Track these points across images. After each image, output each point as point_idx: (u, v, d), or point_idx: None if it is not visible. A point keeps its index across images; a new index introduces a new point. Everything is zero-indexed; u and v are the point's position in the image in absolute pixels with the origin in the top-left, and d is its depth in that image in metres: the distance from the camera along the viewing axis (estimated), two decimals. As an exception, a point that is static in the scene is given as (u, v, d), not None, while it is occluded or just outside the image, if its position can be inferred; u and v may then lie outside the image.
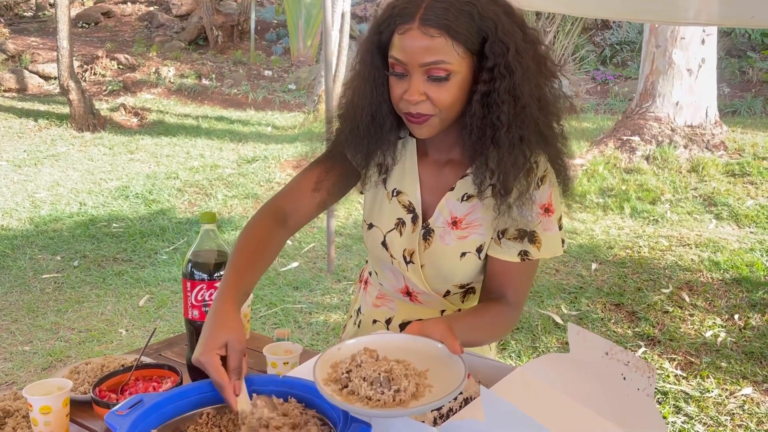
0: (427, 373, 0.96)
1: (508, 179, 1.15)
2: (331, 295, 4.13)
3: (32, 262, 4.70)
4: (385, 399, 0.88)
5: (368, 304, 1.47)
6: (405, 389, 0.89)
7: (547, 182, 1.21)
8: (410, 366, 0.94)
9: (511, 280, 1.24)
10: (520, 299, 1.25)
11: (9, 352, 3.46)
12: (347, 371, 0.93)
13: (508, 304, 1.23)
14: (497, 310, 1.22)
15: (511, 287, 1.24)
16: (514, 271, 1.24)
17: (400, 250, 1.32)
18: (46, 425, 1.11)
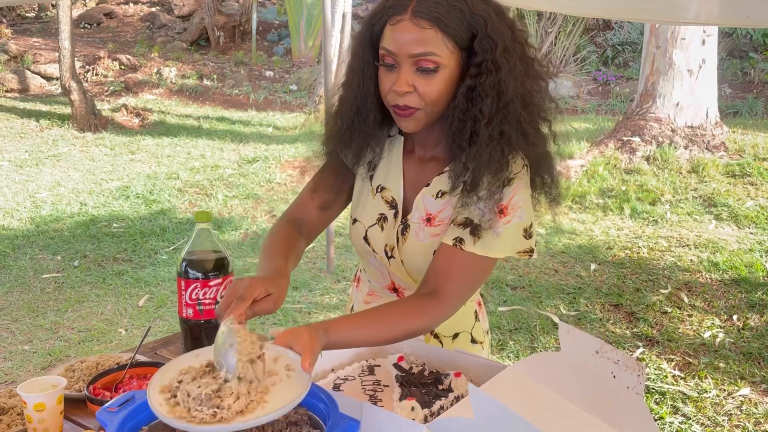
0: (273, 387, 0.92)
1: (480, 173, 1.15)
2: (330, 295, 4.14)
3: (33, 262, 4.71)
4: (202, 416, 0.85)
5: (360, 301, 1.49)
6: (228, 407, 0.86)
7: (513, 185, 1.19)
8: (252, 383, 0.90)
9: (446, 271, 1.19)
10: (451, 293, 1.18)
11: (9, 351, 3.48)
12: (179, 381, 0.91)
13: (437, 297, 1.17)
14: (414, 305, 1.18)
15: (445, 279, 1.19)
16: (451, 262, 1.19)
17: (381, 244, 1.33)
18: (41, 422, 1.12)
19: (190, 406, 0.86)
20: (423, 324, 1.18)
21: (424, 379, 1.20)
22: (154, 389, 0.89)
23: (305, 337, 0.97)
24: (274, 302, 1.07)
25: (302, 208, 1.37)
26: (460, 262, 1.20)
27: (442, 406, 1.11)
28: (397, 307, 1.18)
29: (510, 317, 3.76)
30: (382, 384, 1.19)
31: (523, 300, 4.00)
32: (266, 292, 1.06)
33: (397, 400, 1.10)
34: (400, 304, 1.22)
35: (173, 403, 0.88)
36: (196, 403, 0.86)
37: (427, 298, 1.18)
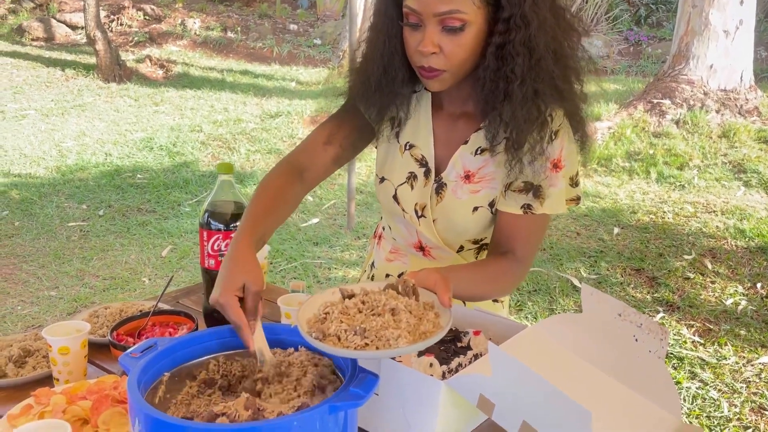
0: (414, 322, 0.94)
1: (521, 133, 1.13)
2: (350, 252, 4.15)
3: (59, 210, 4.79)
4: (351, 345, 0.88)
5: (381, 258, 1.48)
6: (372, 342, 0.88)
7: (560, 137, 1.18)
8: (392, 320, 0.91)
9: (518, 234, 1.22)
10: (528, 254, 1.23)
11: (36, 296, 3.56)
12: (325, 312, 0.94)
13: (515, 258, 1.22)
14: (501, 265, 1.21)
15: (518, 241, 1.22)
16: (521, 225, 1.22)
17: (411, 203, 1.31)
18: (65, 365, 1.14)
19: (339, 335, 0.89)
20: (511, 283, 1.24)
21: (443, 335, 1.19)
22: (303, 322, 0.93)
23: (437, 276, 0.99)
24: (255, 281, 1.04)
25: (311, 155, 1.30)
26: (531, 225, 1.22)
27: (461, 363, 1.10)
28: (490, 266, 1.21)
29: (529, 279, 3.75)
30: (400, 339, 1.19)
31: (543, 262, 3.98)
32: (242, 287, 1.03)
33: (415, 356, 1.10)
34: (490, 263, 1.23)
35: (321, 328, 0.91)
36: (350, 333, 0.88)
37: (507, 259, 1.21)
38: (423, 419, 0.99)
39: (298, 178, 1.28)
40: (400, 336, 0.87)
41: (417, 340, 0.88)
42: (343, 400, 0.82)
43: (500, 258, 1.22)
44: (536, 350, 1.04)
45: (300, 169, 1.29)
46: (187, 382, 0.98)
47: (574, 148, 1.21)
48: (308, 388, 0.97)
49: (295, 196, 1.28)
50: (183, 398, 0.96)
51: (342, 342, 0.88)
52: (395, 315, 0.91)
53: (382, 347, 0.86)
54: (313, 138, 1.32)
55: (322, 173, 1.32)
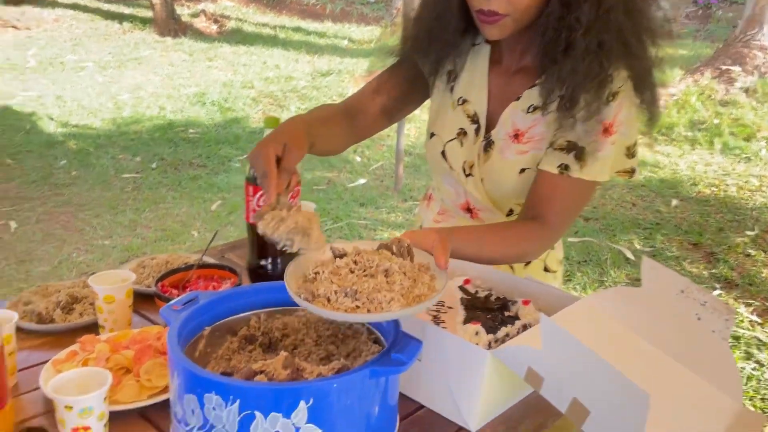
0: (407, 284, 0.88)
1: (577, 90, 1.05)
2: (396, 214, 4.12)
3: (114, 162, 4.90)
4: (341, 307, 0.82)
5: (429, 220, 1.43)
6: (363, 305, 0.82)
7: (618, 100, 1.09)
8: (385, 282, 0.85)
9: (550, 197, 1.13)
10: (559, 220, 1.14)
11: (90, 244, 3.67)
12: (315, 272, 0.88)
13: (544, 224, 1.12)
14: (526, 228, 1.13)
15: (550, 205, 1.13)
16: (555, 187, 1.13)
17: (459, 161, 1.26)
18: (110, 314, 1.15)
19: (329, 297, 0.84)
20: (534, 248, 1.15)
21: (491, 304, 1.15)
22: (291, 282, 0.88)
23: (434, 236, 0.93)
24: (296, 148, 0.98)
25: (361, 102, 1.27)
26: (566, 189, 1.13)
27: (508, 333, 1.06)
28: (511, 228, 1.14)
29: (580, 249, 3.65)
30: (446, 306, 1.15)
31: (595, 232, 3.86)
32: (285, 145, 0.97)
33: (461, 323, 1.06)
34: (511, 225, 1.16)
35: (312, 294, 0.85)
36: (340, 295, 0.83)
37: (534, 223, 1.13)
38: (467, 389, 0.95)
39: (346, 119, 1.25)
40: (393, 299, 0.82)
41: (411, 303, 0.83)
42: (385, 365, 0.79)
43: (527, 221, 1.14)
44: (590, 324, 0.98)
45: (351, 112, 1.27)
46: (227, 337, 0.97)
47: (635, 115, 1.12)
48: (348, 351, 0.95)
49: (344, 132, 1.24)
50: (223, 353, 0.95)
51: (332, 304, 0.83)
52: (388, 276, 0.86)
53: (374, 310, 0.81)
54: (364, 87, 1.31)
55: (370, 122, 1.29)
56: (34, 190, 4.34)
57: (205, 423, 0.76)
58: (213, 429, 0.76)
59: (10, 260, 3.41)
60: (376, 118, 1.28)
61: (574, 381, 0.85)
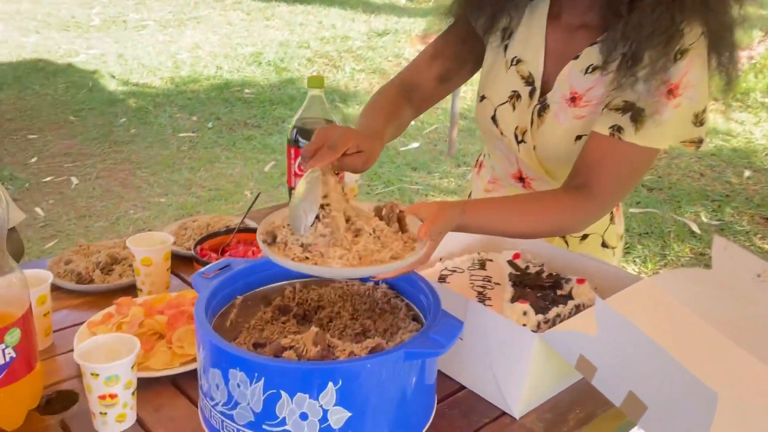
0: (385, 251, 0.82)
1: (642, 45, 0.94)
2: (449, 179, 4.02)
3: (171, 121, 4.96)
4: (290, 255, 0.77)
5: (479, 188, 1.35)
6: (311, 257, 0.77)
7: (688, 59, 0.96)
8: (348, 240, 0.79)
9: (598, 162, 1.01)
10: (606, 190, 1.01)
11: (147, 202, 3.73)
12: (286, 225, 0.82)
13: (589, 194, 1.01)
14: (564, 198, 1.01)
15: (597, 172, 1.01)
16: (604, 151, 1.02)
17: (511, 126, 1.16)
18: (148, 276, 1.13)
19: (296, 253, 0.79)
20: (573, 221, 1.03)
21: (542, 281, 1.07)
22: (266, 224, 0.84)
23: (434, 208, 0.85)
24: (364, 161, 0.95)
25: (417, 73, 1.22)
26: (618, 154, 1.01)
27: (559, 314, 0.98)
28: (545, 199, 1.03)
29: (641, 220, 3.48)
30: (492, 281, 1.08)
31: (659, 203, 3.67)
32: (358, 147, 0.94)
33: (508, 302, 0.99)
34: (547, 195, 1.04)
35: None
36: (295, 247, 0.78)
37: (578, 192, 1.02)
38: (511, 373, 0.89)
39: (405, 99, 1.19)
40: (343, 256, 0.76)
41: (363, 265, 0.76)
42: (421, 347, 0.73)
43: (569, 191, 1.03)
44: (651, 309, 0.89)
45: (408, 89, 1.21)
46: (261, 306, 0.93)
47: (706, 78, 0.98)
48: (386, 327, 0.89)
49: (404, 117, 1.19)
50: (256, 323, 0.91)
51: (284, 251, 0.78)
52: (357, 236, 0.79)
53: (321, 264, 0.76)
54: (420, 55, 1.23)
55: (429, 93, 1.22)
56: (95, 147, 4.44)
57: (229, 399, 0.72)
58: (238, 406, 0.72)
59: (70, 215, 3.51)
60: (433, 90, 1.22)
61: (631, 373, 0.77)
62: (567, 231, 1.04)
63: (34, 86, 5.62)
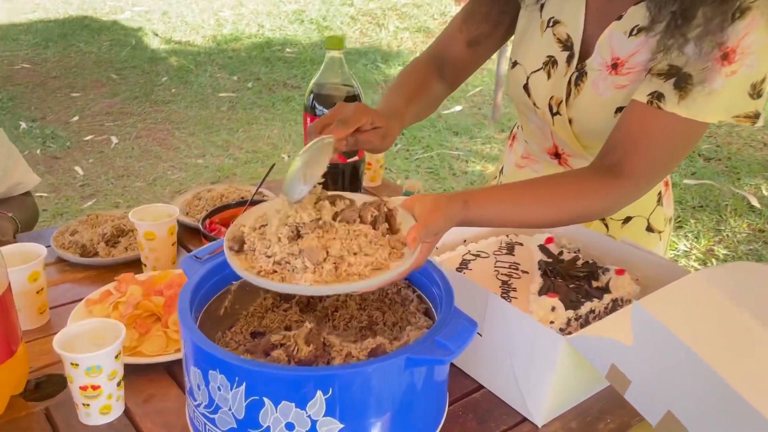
0: None
1: (695, 2, 0.80)
2: (491, 145, 3.87)
3: (211, 80, 4.91)
4: (256, 267, 0.67)
5: (511, 163, 1.23)
6: (278, 272, 0.67)
7: (748, 19, 0.81)
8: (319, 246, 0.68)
9: (636, 136, 0.86)
10: (641, 168, 0.87)
11: (184, 163, 3.72)
12: (263, 224, 0.73)
13: (621, 172, 0.86)
14: (591, 180, 0.87)
15: (634, 147, 0.86)
16: (641, 122, 0.87)
17: (545, 96, 1.04)
18: (152, 251, 1.06)
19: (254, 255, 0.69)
20: (600, 207, 0.89)
21: (576, 270, 0.96)
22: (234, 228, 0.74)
23: (428, 204, 0.73)
24: (382, 138, 0.87)
25: (448, 43, 1.11)
26: (656, 127, 0.86)
27: (593, 310, 0.87)
28: (568, 182, 0.88)
29: (696, 192, 3.27)
30: (520, 269, 0.97)
31: (716, 174, 3.44)
32: (373, 123, 0.86)
33: (536, 294, 0.89)
34: (572, 178, 0.89)
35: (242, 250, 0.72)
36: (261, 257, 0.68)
37: (608, 172, 0.88)
38: (535, 377, 0.79)
39: (436, 73, 1.09)
40: (316, 271, 0.66)
41: (328, 282, 0.65)
42: (425, 352, 0.64)
43: (599, 171, 0.89)
44: (700, 312, 0.78)
45: (439, 62, 1.11)
46: (260, 292, 0.85)
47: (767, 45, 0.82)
48: (395, 320, 0.80)
49: (435, 94, 1.09)
50: (255, 310, 0.84)
51: (251, 261, 0.69)
52: (333, 241, 0.69)
53: (290, 280, 0.66)
54: (450, 23, 1.12)
55: (461, 63, 1.12)
56: (136, 106, 4.44)
57: (211, 402, 0.65)
58: (219, 410, 0.65)
59: (109, 175, 3.52)
60: (464, 59, 1.10)
61: (670, 390, 0.66)
62: (593, 218, 0.90)
63: (79, 44, 5.65)
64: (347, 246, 0.68)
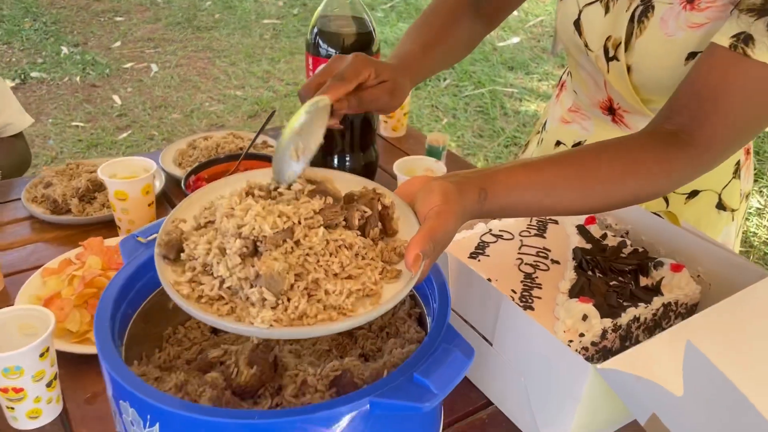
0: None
1: None
2: (549, 82, 3.56)
3: (256, 5, 4.70)
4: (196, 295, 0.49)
5: (556, 117, 1.03)
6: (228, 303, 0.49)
7: None
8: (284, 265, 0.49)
9: (714, 90, 0.65)
10: (718, 133, 0.66)
11: (223, 94, 3.58)
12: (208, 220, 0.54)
13: (690, 137, 0.65)
14: (649, 149, 0.65)
15: (709, 105, 0.65)
16: (725, 74, 0.65)
17: (600, 35, 0.82)
18: (124, 212, 0.93)
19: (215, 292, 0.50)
20: (662, 186, 0.67)
21: (620, 262, 0.77)
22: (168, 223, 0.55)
23: (435, 199, 0.53)
24: (390, 93, 0.70)
25: None
26: (742, 80, 0.64)
27: (637, 318, 0.69)
28: (618, 156, 0.65)
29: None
30: (550, 257, 0.79)
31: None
32: (378, 77, 0.68)
33: (565, 294, 0.71)
34: (623, 149, 0.66)
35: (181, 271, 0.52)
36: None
37: (672, 140, 0.67)
38: (552, 404, 0.63)
39: (471, 7, 0.88)
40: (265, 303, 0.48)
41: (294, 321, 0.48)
42: (396, 395, 0.48)
43: (658, 137, 0.67)
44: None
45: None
46: (226, 278, 0.70)
47: None
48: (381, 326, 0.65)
49: (466, 33, 0.88)
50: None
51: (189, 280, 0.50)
52: (304, 258, 0.50)
53: (240, 317, 0.48)
54: None
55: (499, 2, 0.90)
56: (178, 33, 4.29)
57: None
58: (136, 446, 0.51)
59: (146, 105, 3.42)
60: None
61: (731, 461, 0.49)
62: (653, 197, 0.69)
63: (125, -35, 5.49)
64: (325, 264, 0.51)
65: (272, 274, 0.48)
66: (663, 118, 0.69)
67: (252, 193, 0.55)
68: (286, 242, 0.50)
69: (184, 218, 0.56)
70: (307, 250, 0.50)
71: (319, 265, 0.50)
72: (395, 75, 0.71)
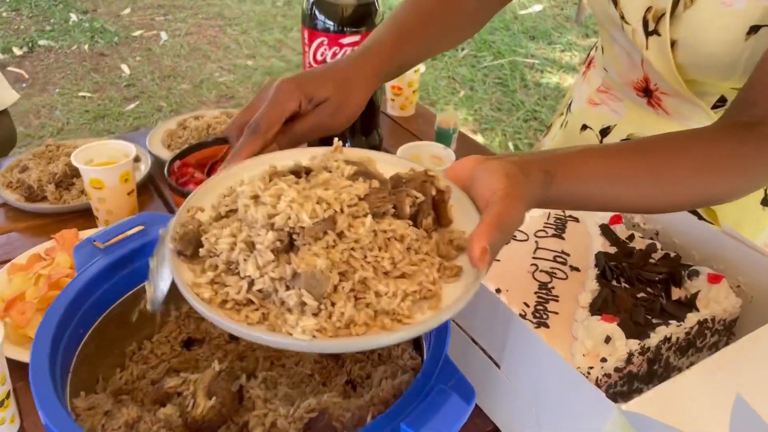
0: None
1: None
2: (572, 53, 3.41)
3: (269, -29, 4.56)
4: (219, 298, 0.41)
5: (583, 98, 0.92)
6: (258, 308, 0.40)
7: None
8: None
9: None
10: None
11: (233, 64, 3.48)
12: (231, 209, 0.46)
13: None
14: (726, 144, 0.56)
15: None
16: None
17: (639, 7, 0.72)
18: (100, 202, 0.85)
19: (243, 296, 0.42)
20: (741, 186, 0.59)
21: (650, 269, 0.68)
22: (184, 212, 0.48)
23: (499, 182, 0.44)
24: (332, 114, 0.60)
25: None
26: None
27: (668, 338, 0.60)
28: (695, 150, 0.56)
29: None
30: (569, 263, 0.70)
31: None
32: (312, 101, 0.59)
33: (586, 309, 0.62)
34: (700, 142, 0.57)
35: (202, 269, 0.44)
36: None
37: (751, 134, 0.57)
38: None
39: None
40: (306, 309, 0.39)
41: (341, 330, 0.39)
42: (380, 450, 0.40)
43: (734, 131, 0.57)
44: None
45: None
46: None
47: None
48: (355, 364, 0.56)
49: (466, 12, 0.76)
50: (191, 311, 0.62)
51: (211, 281, 0.42)
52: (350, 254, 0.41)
53: (275, 327, 0.39)
54: None
55: None
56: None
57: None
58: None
59: (155, 75, 3.34)
60: None
61: None
62: (726, 199, 0.59)
63: (137, -71, 5.35)
64: (374, 261, 0.42)
65: (314, 273, 0.39)
66: (737, 109, 0.60)
67: (279, 176, 0.46)
68: (328, 234, 0.42)
69: (201, 207, 0.47)
70: (352, 243, 0.42)
71: (367, 261, 0.42)
72: (336, 90, 0.61)
